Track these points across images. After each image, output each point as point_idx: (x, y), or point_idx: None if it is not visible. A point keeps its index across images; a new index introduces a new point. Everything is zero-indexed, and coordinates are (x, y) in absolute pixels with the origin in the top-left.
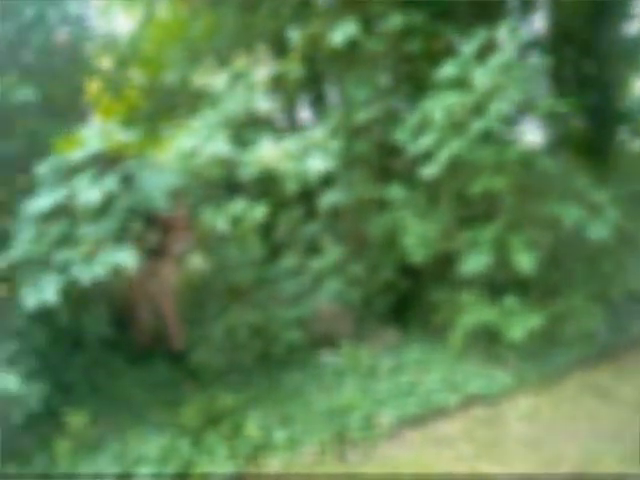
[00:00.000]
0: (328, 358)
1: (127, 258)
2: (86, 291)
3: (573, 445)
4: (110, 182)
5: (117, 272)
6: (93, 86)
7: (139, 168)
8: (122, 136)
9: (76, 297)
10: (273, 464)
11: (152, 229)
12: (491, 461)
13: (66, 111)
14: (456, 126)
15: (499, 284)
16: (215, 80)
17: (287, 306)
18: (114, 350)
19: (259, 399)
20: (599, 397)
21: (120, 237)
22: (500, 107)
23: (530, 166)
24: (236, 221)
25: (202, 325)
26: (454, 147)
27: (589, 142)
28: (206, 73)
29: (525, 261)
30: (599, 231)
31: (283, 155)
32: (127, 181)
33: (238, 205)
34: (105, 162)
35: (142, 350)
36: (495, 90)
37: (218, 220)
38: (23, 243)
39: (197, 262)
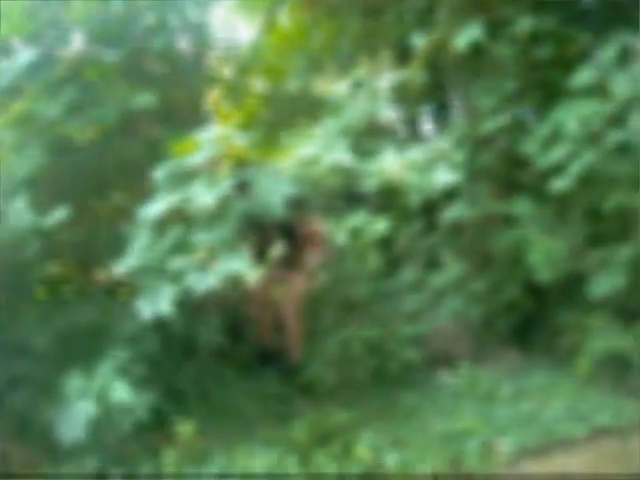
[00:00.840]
0: (446, 379)
1: (242, 267)
2: (201, 299)
3: None
4: (226, 187)
5: (233, 281)
6: (214, 94)
7: (256, 174)
8: (239, 141)
9: (190, 305)
10: None
11: (286, 240)
12: None
13: (186, 118)
14: (591, 137)
15: (632, 308)
16: (336, 88)
17: (404, 322)
18: (226, 360)
19: (372, 418)
20: None
21: (235, 245)
22: None
23: None
24: (356, 234)
25: (317, 339)
26: (588, 159)
27: None
28: (327, 81)
29: None
30: None
31: (406, 166)
32: (244, 187)
33: (359, 217)
34: (222, 167)
35: (258, 360)
36: (636, 100)
37: (338, 232)
38: (139, 249)
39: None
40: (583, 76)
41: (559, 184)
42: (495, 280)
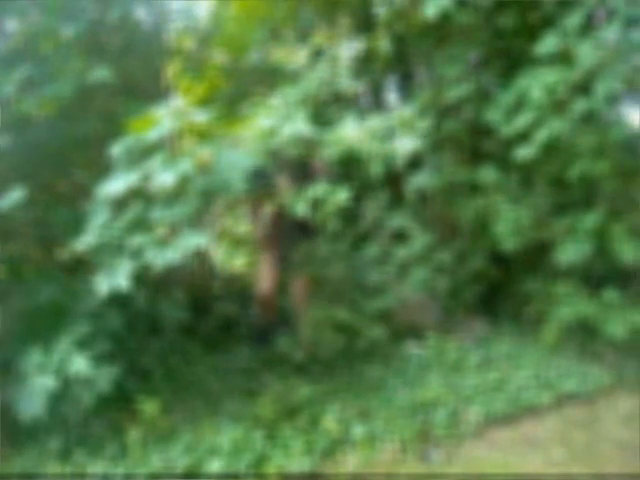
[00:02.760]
0: (413, 350)
1: (202, 242)
2: (165, 275)
3: None
4: (185, 164)
5: (197, 256)
6: (173, 67)
7: (216, 149)
8: (199, 115)
9: (153, 281)
10: (351, 461)
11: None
12: (585, 467)
13: (145, 92)
14: (556, 105)
15: (598, 275)
16: (296, 57)
17: (371, 297)
18: (191, 336)
19: (338, 391)
20: None
21: (196, 221)
22: (608, 85)
23: (634, 148)
24: (317, 205)
25: (282, 313)
26: (553, 128)
27: None
28: (286, 50)
29: (627, 251)
30: None
31: (367, 135)
32: (203, 162)
33: (319, 188)
34: (181, 143)
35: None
36: (602, 66)
37: (298, 204)
38: (97, 227)
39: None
40: (547, 44)
41: (524, 153)
42: (461, 250)
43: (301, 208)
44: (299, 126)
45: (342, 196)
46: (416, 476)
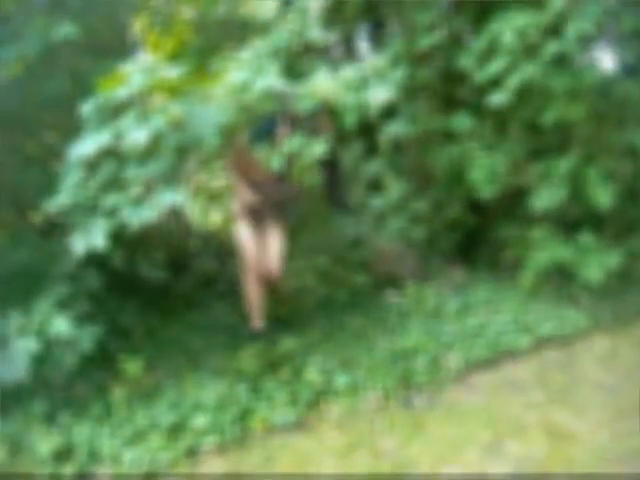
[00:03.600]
0: (392, 299)
1: (178, 199)
2: (142, 234)
3: None
4: (157, 121)
5: (174, 214)
6: (140, 22)
7: (187, 105)
8: (168, 72)
9: (130, 241)
10: (334, 410)
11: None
12: (564, 409)
13: (112, 49)
14: (529, 49)
15: (573, 220)
16: (264, 9)
17: (351, 247)
18: (171, 294)
19: (320, 343)
20: None
21: (170, 178)
22: (580, 27)
23: (608, 92)
24: (293, 158)
25: None
26: (526, 73)
27: None
28: (255, 2)
29: (602, 195)
30: None
31: (340, 86)
32: (175, 119)
33: (295, 141)
34: (152, 100)
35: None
36: (573, 8)
37: (274, 158)
38: (70, 188)
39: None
40: None
41: (497, 98)
42: (437, 199)
43: (277, 162)
44: (271, 80)
45: (318, 149)
46: (399, 421)
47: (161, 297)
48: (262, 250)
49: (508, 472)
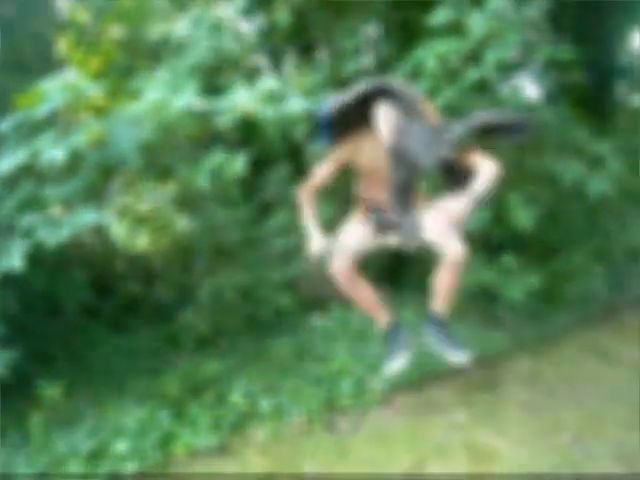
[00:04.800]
0: (318, 322)
1: (95, 219)
2: (63, 255)
3: (573, 409)
4: (76, 139)
5: (98, 235)
6: (67, 40)
7: (108, 123)
8: (89, 89)
9: (51, 262)
10: (258, 434)
11: None
12: (487, 429)
13: (36, 66)
14: (450, 74)
15: (496, 243)
16: (177, 26)
17: (276, 267)
18: (93, 317)
19: (245, 366)
20: (599, 358)
21: (89, 197)
22: (498, 54)
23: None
24: (215, 175)
25: (189, 288)
26: (447, 96)
27: (588, 96)
28: (169, 20)
29: (523, 218)
30: (600, 185)
31: (260, 98)
32: (96, 137)
33: (216, 158)
34: (70, 117)
35: (127, 315)
36: (492, 36)
37: (197, 176)
38: None
39: (183, 223)
40: (440, 15)
41: None
42: None
43: (202, 179)
44: (188, 98)
45: (238, 164)
46: (322, 445)
47: (84, 320)
48: None
49: None
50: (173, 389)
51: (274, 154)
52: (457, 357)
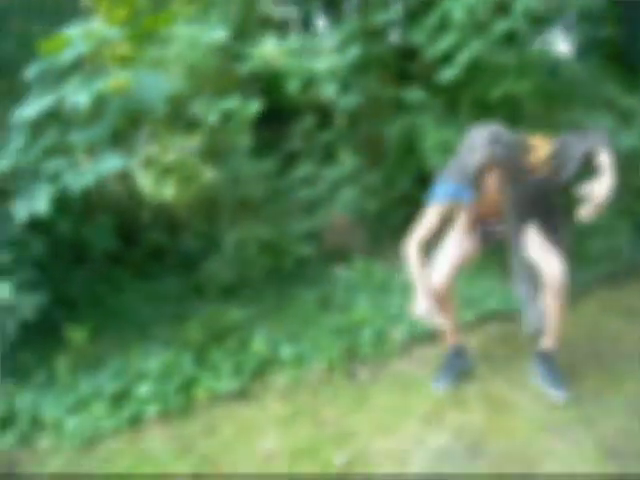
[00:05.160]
0: (340, 272)
1: (119, 165)
2: (91, 202)
3: (593, 365)
4: (100, 84)
5: (125, 184)
6: None
7: (134, 70)
8: (115, 36)
9: (79, 208)
10: (279, 381)
11: None
12: (505, 381)
13: (63, 13)
14: (478, 26)
15: None
16: None
17: (300, 219)
18: (119, 263)
19: (267, 315)
20: (623, 316)
21: (113, 144)
22: (527, 3)
23: (556, 71)
24: (228, 116)
25: (213, 239)
26: (475, 49)
27: (620, 52)
28: None
29: None
30: (630, 139)
31: (286, 52)
32: (120, 84)
33: (231, 100)
34: (96, 64)
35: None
36: None
37: (209, 114)
38: (12, 152)
39: (209, 175)
40: None
41: (448, 74)
42: (389, 172)
43: (211, 118)
44: (219, 33)
45: (252, 109)
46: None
47: (110, 266)
48: None
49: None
50: (196, 335)
51: (299, 106)
52: (555, 396)
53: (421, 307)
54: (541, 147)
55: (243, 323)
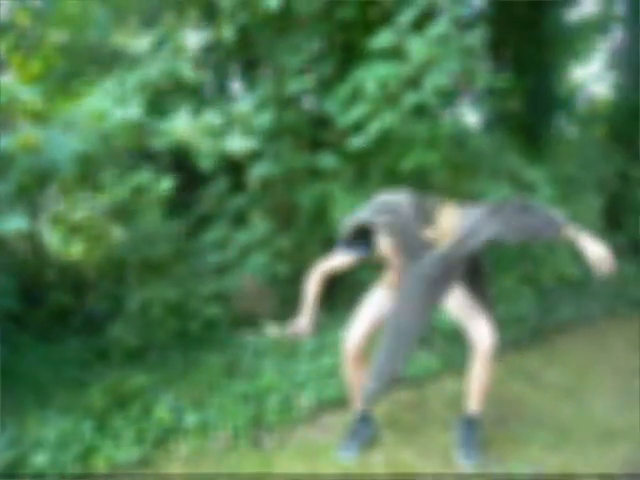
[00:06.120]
0: (248, 338)
1: (21, 225)
2: None
3: (499, 430)
4: (7, 141)
5: (30, 242)
6: (5, 42)
7: (45, 129)
8: (22, 93)
9: None
10: (182, 449)
11: None
12: (411, 449)
13: None
14: (389, 98)
15: None
16: (138, 42)
17: (208, 281)
18: (22, 326)
19: (173, 380)
20: (527, 381)
21: (16, 202)
22: (437, 80)
23: (463, 143)
24: (139, 192)
25: (120, 300)
26: (386, 120)
27: (525, 125)
28: (129, 34)
29: None
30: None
31: (199, 130)
32: (29, 142)
33: (144, 175)
34: (5, 120)
35: (57, 325)
36: (431, 62)
37: (120, 189)
38: None
39: (117, 234)
40: (382, 39)
41: (357, 142)
42: (300, 237)
43: (123, 193)
44: (131, 111)
45: (165, 185)
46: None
47: (11, 329)
48: None
49: None
50: (98, 401)
51: (210, 171)
52: (464, 461)
53: (297, 325)
54: (447, 216)
55: (147, 389)
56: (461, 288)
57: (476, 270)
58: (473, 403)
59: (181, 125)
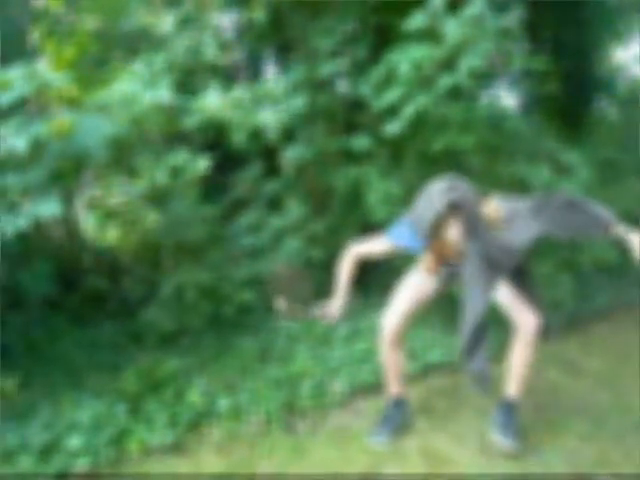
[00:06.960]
0: (283, 322)
1: (54, 210)
2: (27, 247)
3: (534, 419)
4: (39, 128)
5: (65, 228)
6: (40, 29)
7: (76, 114)
8: (58, 79)
9: (14, 252)
10: (215, 433)
11: None
12: (446, 434)
13: (10, 54)
14: (423, 81)
15: None
16: (162, 21)
17: (242, 266)
18: (57, 310)
19: (206, 365)
20: (564, 369)
21: (48, 188)
22: (471, 62)
23: (500, 126)
24: (176, 174)
25: (154, 285)
26: (420, 103)
27: (563, 107)
28: (154, 14)
29: None
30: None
31: (230, 105)
32: (60, 128)
33: (179, 156)
34: (35, 106)
35: (91, 308)
36: (466, 43)
37: (157, 172)
38: None
39: (153, 219)
40: (416, 20)
41: (392, 128)
42: (334, 221)
43: (160, 176)
44: (161, 93)
45: (201, 165)
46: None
47: (47, 313)
48: None
49: None
50: (132, 385)
51: (245, 154)
52: (503, 444)
53: (331, 308)
54: (492, 208)
55: (180, 373)
56: (507, 280)
57: (521, 266)
58: (512, 388)
59: (212, 101)
